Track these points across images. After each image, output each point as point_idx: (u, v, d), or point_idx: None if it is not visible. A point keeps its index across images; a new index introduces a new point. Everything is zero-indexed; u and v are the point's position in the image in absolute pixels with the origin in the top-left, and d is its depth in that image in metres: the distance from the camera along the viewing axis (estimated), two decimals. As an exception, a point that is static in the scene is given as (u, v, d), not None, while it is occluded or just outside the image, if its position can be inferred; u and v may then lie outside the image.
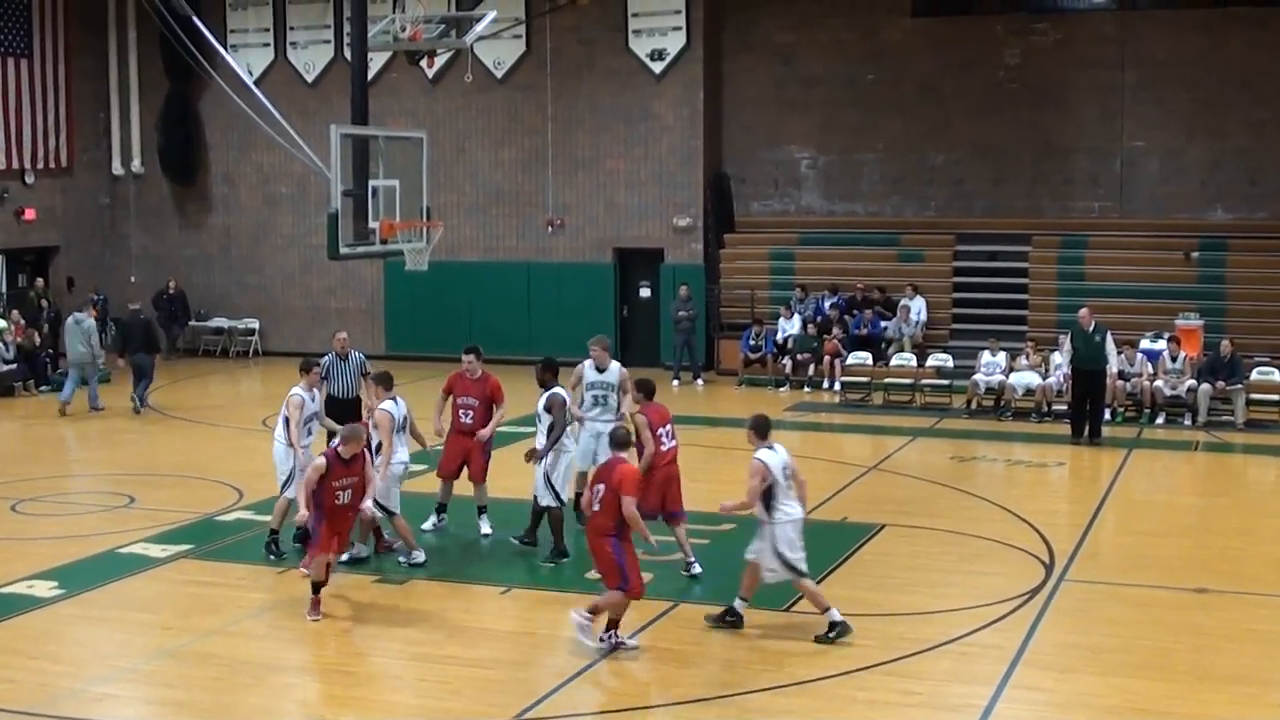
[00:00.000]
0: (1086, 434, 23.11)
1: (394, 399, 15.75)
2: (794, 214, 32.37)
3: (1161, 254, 29.38)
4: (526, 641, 13.24)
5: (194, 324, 34.53)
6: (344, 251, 19.10)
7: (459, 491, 17.09)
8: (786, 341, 29.13)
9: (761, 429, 13.22)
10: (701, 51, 31.28)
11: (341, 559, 15.30)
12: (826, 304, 29.79)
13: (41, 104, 33.43)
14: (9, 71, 32.55)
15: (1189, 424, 24.62)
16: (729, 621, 13.25)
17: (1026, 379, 25.38)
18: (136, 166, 35.56)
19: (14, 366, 28.44)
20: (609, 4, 31.38)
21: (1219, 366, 24.67)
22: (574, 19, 31.09)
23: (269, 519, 16.51)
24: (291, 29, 34.11)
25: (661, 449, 15.32)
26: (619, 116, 31.86)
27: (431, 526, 17.02)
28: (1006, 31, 30.60)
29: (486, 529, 16.91)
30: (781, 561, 12.96)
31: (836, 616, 12.96)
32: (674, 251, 31.80)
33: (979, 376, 25.92)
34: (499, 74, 32.44)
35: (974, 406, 25.85)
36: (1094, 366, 23.38)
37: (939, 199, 31.45)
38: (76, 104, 34.40)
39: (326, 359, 18.97)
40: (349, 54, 22.81)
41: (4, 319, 29.23)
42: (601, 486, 12.67)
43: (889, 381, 27.46)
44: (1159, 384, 24.96)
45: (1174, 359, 25.08)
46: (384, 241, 19.43)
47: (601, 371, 16.87)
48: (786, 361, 28.94)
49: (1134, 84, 29.87)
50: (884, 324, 29.08)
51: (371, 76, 27.80)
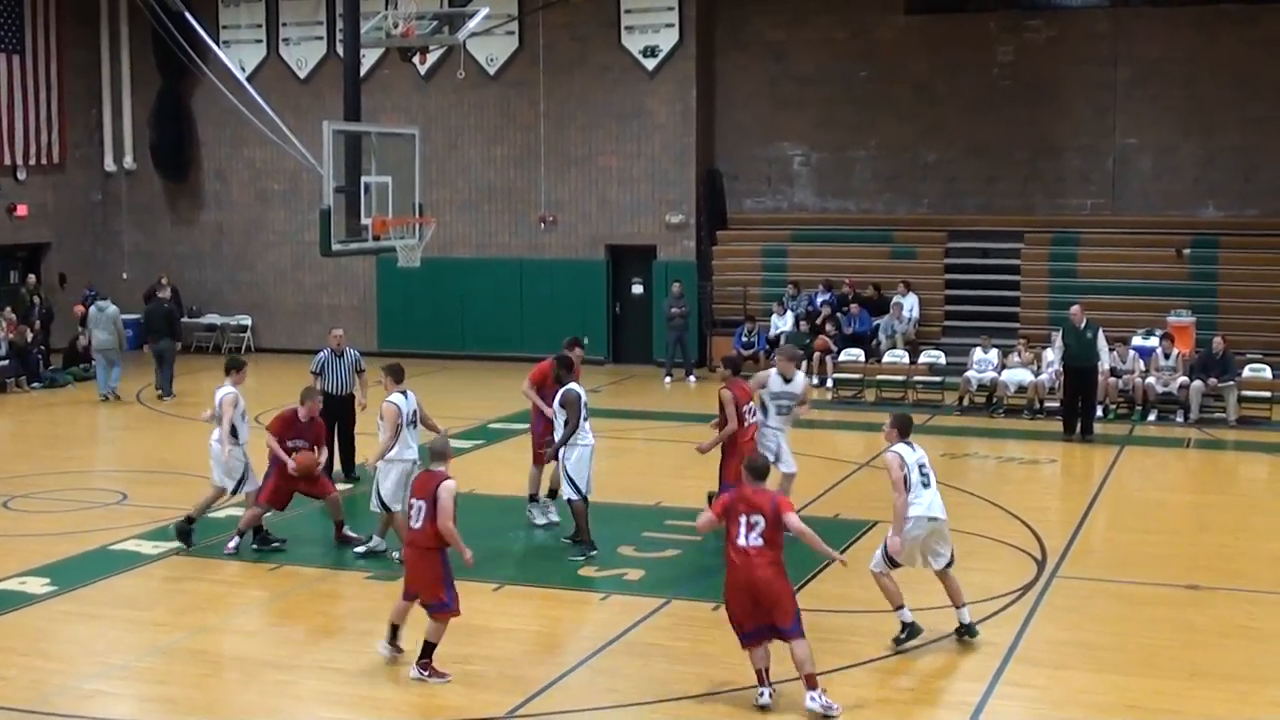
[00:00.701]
0: (1078, 431, 23.14)
1: (404, 392, 15.57)
2: (787, 211, 32.38)
3: (1154, 251, 29.42)
4: (518, 638, 13.22)
5: (186, 320, 34.40)
6: (336, 248, 19.08)
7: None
8: (779, 338, 29.11)
9: (903, 428, 12.92)
10: (694, 48, 31.28)
11: (357, 551, 15.42)
12: (819, 300, 29.79)
13: (34, 100, 33.39)
14: (0, 67, 32.49)
15: (1181, 421, 24.64)
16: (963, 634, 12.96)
17: (1018, 376, 25.40)
18: (129, 163, 35.52)
19: (6, 363, 28.39)
20: (602, 1, 31.38)
21: (1211, 364, 24.70)
22: (567, 15, 31.08)
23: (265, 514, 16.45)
24: (284, 25, 34.07)
25: (744, 426, 15.95)
26: (612, 113, 31.85)
27: (546, 522, 17.23)
28: (999, 29, 30.61)
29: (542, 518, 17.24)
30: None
31: (907, 617, 12.79)
32: (666, 248, 31.79)
33: (971, 373, 25.94)
34: (491, 70, 32.43)
35: (966, 403, 25.88)
36: (1085, 363, 23.42)
37: (931, 196, 31.46)
38: (69, 100, 34.36)
39: (322, 355, 18.99)
40: (341, 50, 22.76)
41: (-5, 315, 29.20)
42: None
43: (881, 378, 27.48)
44: (1151, 381, 24.98)
45: (1166, 356, 25.11)
46: (376, 238, 19.42)
47: (788, 382, 16.81)
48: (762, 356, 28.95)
49: (1127, 81, 29.90)
50: (876, 321, 29.08)
51: (364, 73, 27.66)
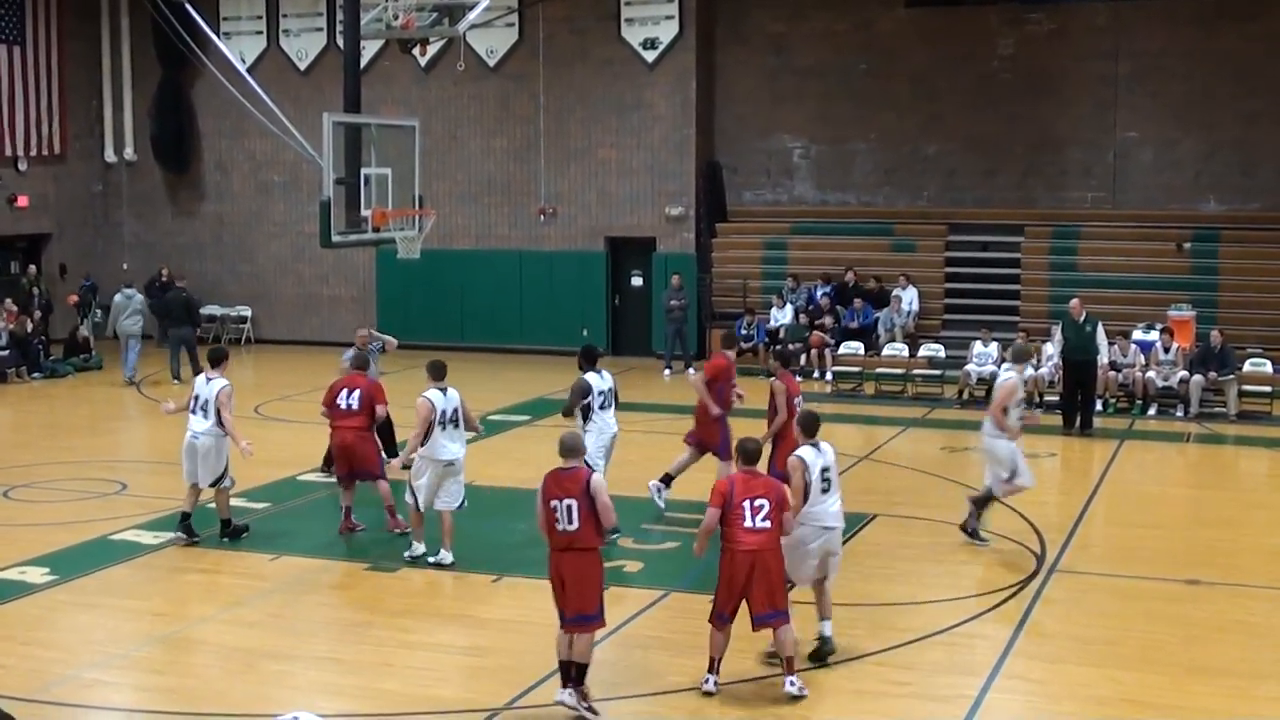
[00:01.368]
0: (1078, 425, 23.15)
1: (443, 389, 15.04)
2: (786, 204, 32.37)
3: (1154, 245, 29.39)
4: (517, 630, 13.22)
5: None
6: (336, 240, 19.12)
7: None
8: (778, 331, 29.12)
9: (808, 427, 12.68)
10: (694, 41, 31.26)
11: (429, 559, 15.05)
12: (819, 293, 29.78)
13: (34, 91, 33.39)
14: (2, 59, 32.48)
15: (1181, 415, 24.64)
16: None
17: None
18: (129, 154, 35.53)
19: (6, 353, 28.40)
20: (602, -7, 31.40)
21: (1210, 357, 24.71)
22: (566, 8, 31.07)
23: (262, 506, 16.50)
24: (284, 16, 34.06)
25: (794, 417, 15.51)
26: (611, 105, 31.84)
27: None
28: (1000, 22, 30.58)
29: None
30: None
31: (828, 630, 12.49)
32: (666, 241, 31.79)
33: (971, 367, 25.95)
34: (491, 62, 32.41)
35: (965, 397, 25.88)
36: (1084, 357, 23.45)
37: (931, 189, 31.44)
38: (69, 91, 34.35)
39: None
40: (342, 42, 22.77)
41: (-5, 306, 29.22)
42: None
43: (880, 371, 27.48)
44: (1151, 375, 24.99)
45: (1166, 350, 25.12)
46: (376, 230, 19.45)
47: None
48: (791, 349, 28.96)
49: (1127, 75, 29.87)
50: (875, 314, 29.07)
51: (364, 64, 27.68)
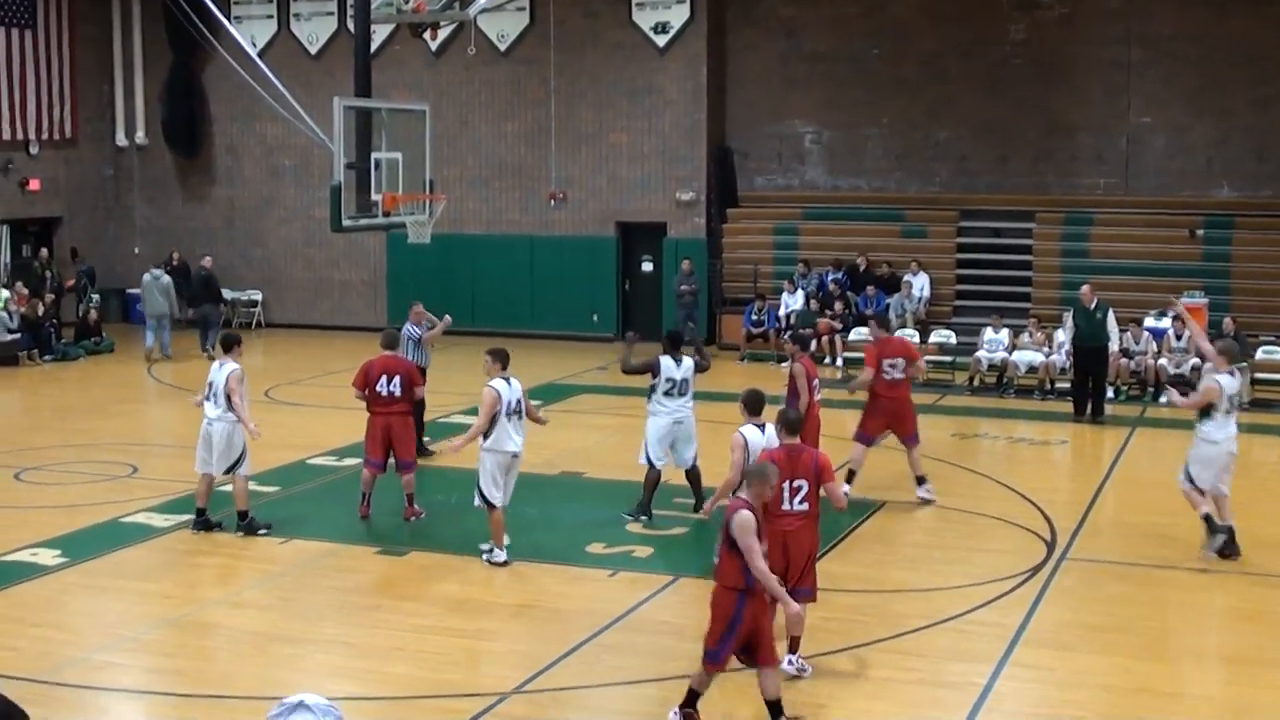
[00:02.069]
0: (1089, 412, 23.11)
1: (507, 378, 14.43)
2: (797, 189, 32.31)
3: (1166, 231, 29.31)
4: (527, 614, 13.24)
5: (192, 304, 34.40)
6: (347, 224, 19.11)
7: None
8: (789, 317, 29.08)
9: (752, 406, 12.85)
10: (705, 25, 31.20)
11: (496, 558, 14.65)
12: (829, 279, 29.73)
13: (45, 75, 33.40)
14: (13, 43, 32.50)
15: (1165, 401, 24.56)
16: None
17: (1029, 356, 25.36)
18: (140, 138, 35.54)
19: (18, 336, 28.46)
20: (614, -23, 31.35)
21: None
22: (578, -8, 31.05)
23: (273, 490, 16.51)
24: (295, 1, 34.03)
25: (814, 399, 16.15)
26: (622, 90, 31.79)
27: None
28: (1012, 7, 30.47)
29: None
30: None
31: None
32: (677, 226, 31.76)
33: (981, 353, 25.91)
34: (502, 47, 32.38)
35: (976, 384, 25.85)
36: (1095, 344, 23.40)
37: (943, 175, 31.37)
38: (80, 75, 34.36)
39: (410, 329, 19.01)
40: (352, 26, 22.76)
41: (7, 289, 29.27)
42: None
43: (891, 358, 27.39)
44: (1163, 362, 24.93)
45: (1179, 337, 25.05)
46: (387, 214, 19.43)
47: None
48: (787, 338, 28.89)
49: (1140, 61, 29.76)
50: (886, 300, 29.01)
51: (375, 49, 27.69)
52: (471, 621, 12.96)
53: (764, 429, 12.58)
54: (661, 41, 31.38)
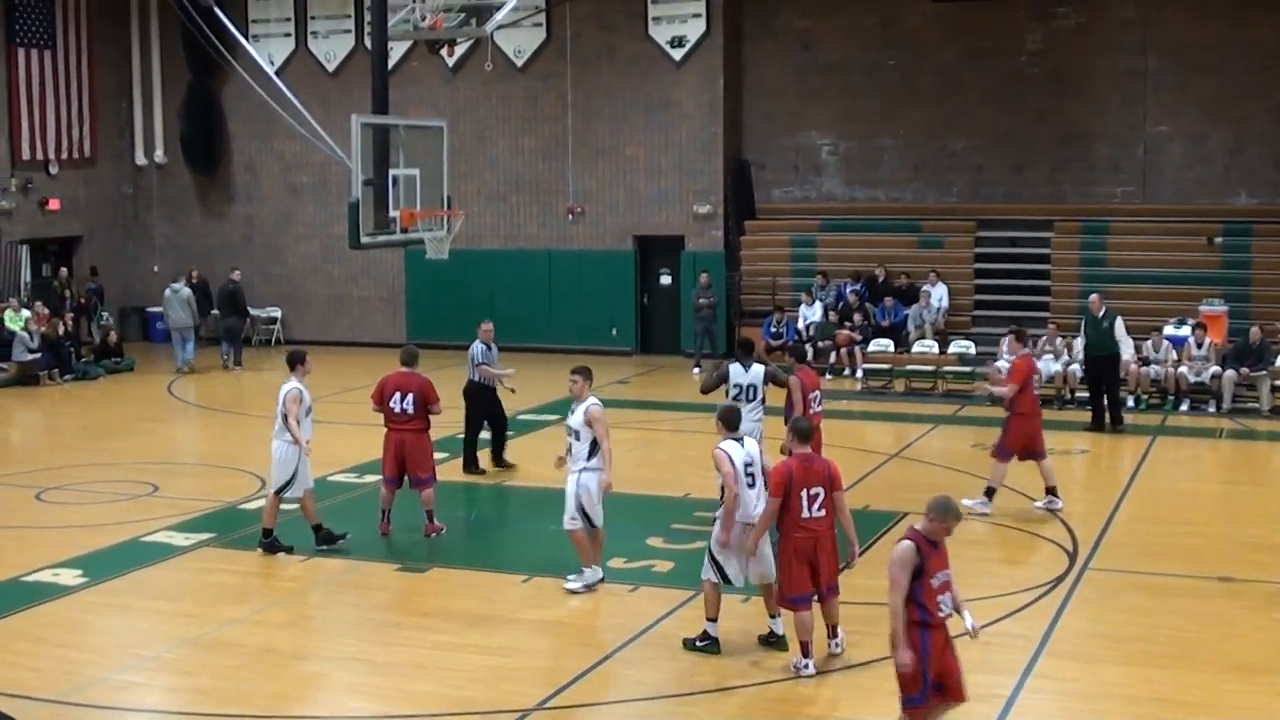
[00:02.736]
0: (1109, 421, 23.03)
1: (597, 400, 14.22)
2: (815, 200, 32.29)
3: (1184, 239, 29.21)
4: (548, 631, 13.23)
5: (216, 313, 34.52)
6: (365, 241, 19.11)
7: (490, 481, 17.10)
8: (808, 328, 29.06)
9: (729, 422, 12.68)
10: (721, 38, 31.22)
11: (591, 579, 14.28)
12: (848, 291, 29.71)
13: (65, 95, 33.55)
14: (33, 63, 32.65)
15: (1213, 411, 24.51)
16: (772, 642, 12.68)
17: (1049, 366, 25.29)
18: (159, 157, 35.67)
19: (38, 356, 28.55)
20: (628, -9, 31.39)
21: (1247, 353, 24.55)
22: (593, 7, 31.06)
23: (293, 508, 16.49)
24: (312, 18, 34.16)
25: (809, 411, 15.90)
26: (639, 104, 31.82)
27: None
28: (1028, 17, 30.44)
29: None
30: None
31: (714, 631, 12.53)
32: (694, 239, 31.76)
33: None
34: (519, 62, 32.44)
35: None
36: (1104, 353, 23.34)
37: (960, 185, 31.33)
38: (99, 95, 34.51)
39: (476, 348, 18.99)
40: (370, 43, 22.81)
41: (27, 309, 29.38)
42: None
43: (910, 369, 27.40)
44: (1183, 370, 24.85)
45: (1199, 345, 24.97)
46: (405, 230, 19.45)
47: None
48: (808, 348, 28.86)
49: (1156, 69, 29.70)
50: (905, 311, 28.98)
51: (392, 65, 27.72)
52: (492, 638, 12.95)
53: (742, 443, 12.56)
54: (678, 55, 31.41)
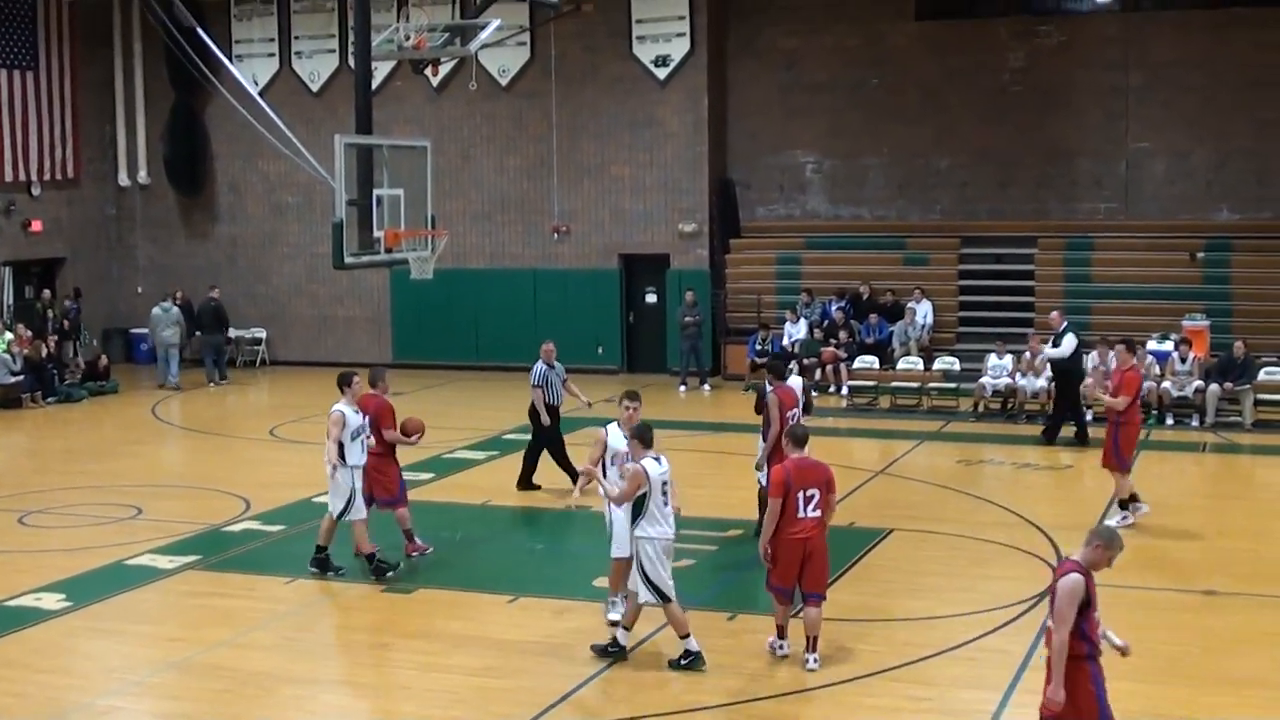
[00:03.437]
0: (1074, 436, 23.05)
1: (656, 457, 12.72)
2: (799, 218, 32.35)
3: (1167, 255, 29.31)
4: (533, 651, 13.19)
5: (201, 336, 34.45)
6: (349, 261, 19.06)
7: (487, 500, 17.05)
8: (793, 346, 29.08)
9: (646, 438, 12.67)
10: (705, 57, 31.27)
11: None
12: (833, 308, 29.74)
13: (47, 116, 33.49)
14: (15, 84, 32.60)
15: (1197, 425, 24.57)
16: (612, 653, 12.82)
17: (1034, 383, 25.36)
18: (142, 177, 35.62)
19: (21, 378, 28.46)
20: (612, 10, 31.40)
21: (1231, 367, 24.62)
22: (578, 26, 31.08)
23: (278, 529, 16.49)
24: (296, 38, 34.15)
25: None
26: (624, 123, 31.86)
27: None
28: (1010, 34, 30.56)
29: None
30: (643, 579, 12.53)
31: (694, 646, 12.56)
32: (680, 257, 31.78)
33: (986, 379, 25.89)
34: (503, 81, 32.47)
35: (981, 409, 25.83)
36: (1061, 368, 23.36)
37: (944, 202, 31.41)
38: (82, 116, 34.46)
39: (541, 369, 18.90)
40: (353, 63, 22.82)
41: (10, 331, 29.29)
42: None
43: (895, 385, 27.44)
44: (1167, 385, 24.92)
45: (1183, 360, 25.04)
46: (389, 250, 19.42)
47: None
48: (792, 366, 28.88)
49: (1138, 86, 29.82)
50: (890, 328, 29.01)
51: (376, 85, 27.72)
52: (478, 658, 12.92)
53: (660, 460, 12.56)
54: (662, 74, 31.46)
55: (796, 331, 29.39)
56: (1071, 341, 23.27)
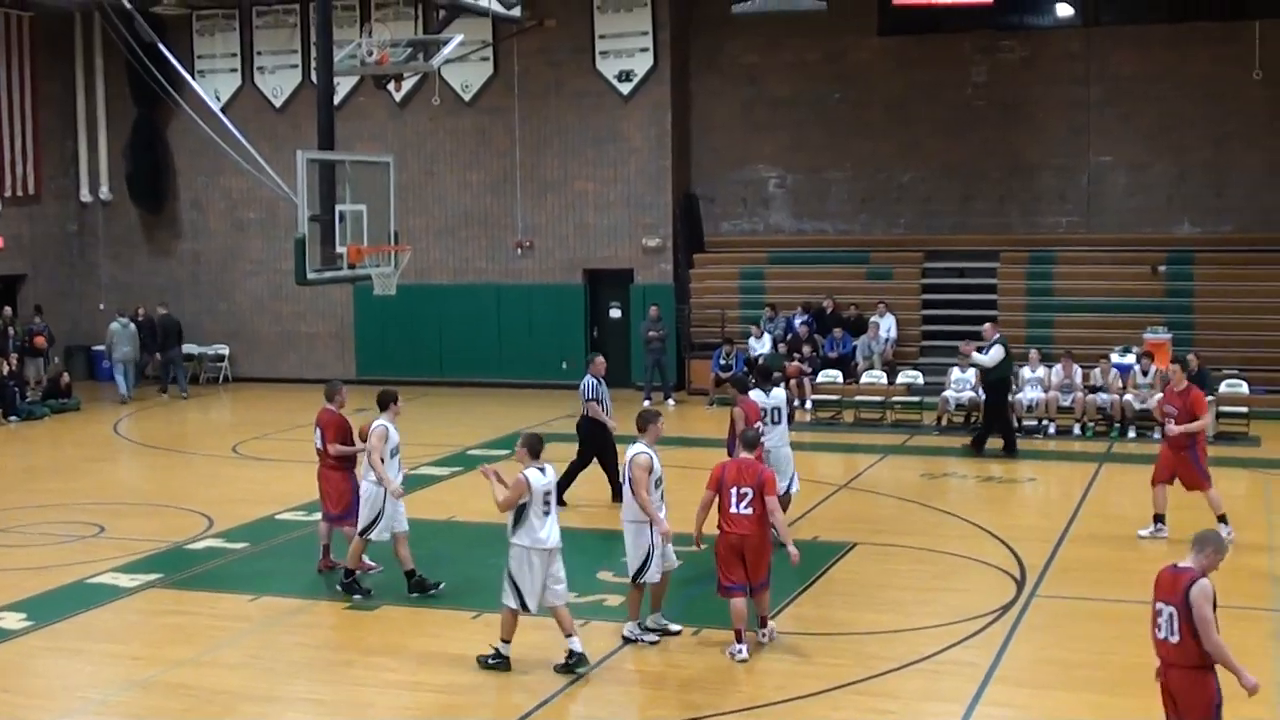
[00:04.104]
0: (1004, 448, 23.23)
1: (541, 468, 12.86)
2: (763, 233, 32.44)
3: (1129, 268, 29.51)
4: (498, 666, 13.15)
5: (159, 355, 34.27)
6: (312, 277, 19.01)
7: (439, 516, 17.02)
8: (757, 360, 29.06)
9: (534, 448, 12.87)
10: (669, 73, 31.35)
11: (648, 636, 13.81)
12: (797, 322, 29.80)
13: (8, 132, 33.29)
14: (-26, 100, 32.45)
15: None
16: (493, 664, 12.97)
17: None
18: (104, 193, 35.48)
19: (-18, 396, 28.30)
20: (576, 26, 31.44)
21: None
22: (541, 41, 31.11)
23: (241, 546, 16.41)
24: (259, 54, 34.08)
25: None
26: (587, 138, 31.90)
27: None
28: (973, 49, 30.73)
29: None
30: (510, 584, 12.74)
31: (577, 646, 12.74)
32: (644, 272, 31.82)
33: (949, 393, 25.99)
34: (467, 97, 32.48)
35: (944, 423, 25.91)
36: (990, 378, 23.49)
37: (907, 216, 31.54)
38: (44, 132, 34.29)
39: (591, 383, 18.77)
40: (316, 78, 22.78)
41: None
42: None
43: (859, 399, 27.51)
44: (1129, 398, 25.05)
45: (1145, 373, 25.17)
46: (352, 266, 19.38)
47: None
48: (778, 376, 28.84)
49: (1100, 100, 30.03)
50: (853, 342, 29.09)
51: (339, 100, 27.78)
52: (442, 675, 12.89)
53: (545, 471, 12.75)
54: (625, 89, 31.51)
55: (760, 346, 29.42)
56: (998, 352, 23.45)
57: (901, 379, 27.77)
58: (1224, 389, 25.48)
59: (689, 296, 31.69)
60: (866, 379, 28.00)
